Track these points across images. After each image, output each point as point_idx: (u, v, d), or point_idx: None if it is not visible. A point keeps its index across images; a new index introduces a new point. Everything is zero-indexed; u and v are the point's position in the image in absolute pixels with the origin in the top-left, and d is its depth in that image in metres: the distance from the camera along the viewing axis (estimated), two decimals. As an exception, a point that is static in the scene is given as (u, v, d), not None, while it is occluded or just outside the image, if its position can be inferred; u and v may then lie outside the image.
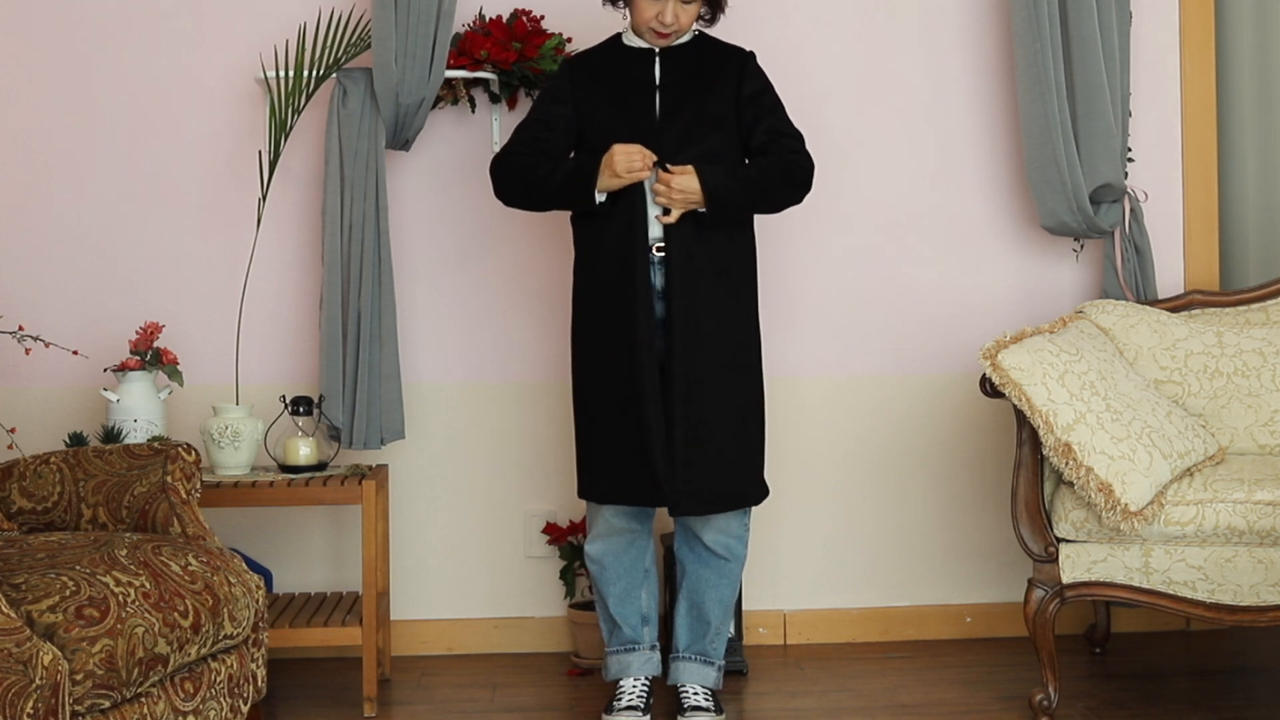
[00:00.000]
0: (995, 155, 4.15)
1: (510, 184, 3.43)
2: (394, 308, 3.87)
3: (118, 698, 2.57)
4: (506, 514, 4.09)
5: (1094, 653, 4.00)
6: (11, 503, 3.15)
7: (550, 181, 3.37)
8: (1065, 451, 3.27)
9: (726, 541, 3.45)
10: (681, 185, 3.28)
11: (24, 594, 2.53)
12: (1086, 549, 3.38)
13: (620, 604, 3.49)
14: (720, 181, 3.29)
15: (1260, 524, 3.27)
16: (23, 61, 3.98)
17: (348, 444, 3.83)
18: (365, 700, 3.58)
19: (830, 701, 3.63)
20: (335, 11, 3.94)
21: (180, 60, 4.00)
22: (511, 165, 3.42)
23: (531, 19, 3.95)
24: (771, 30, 4.01)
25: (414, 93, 3.80)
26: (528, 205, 3.48)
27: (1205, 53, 4.17)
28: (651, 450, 3.28)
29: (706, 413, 3.33)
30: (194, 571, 2.88)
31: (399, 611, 4.05)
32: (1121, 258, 4.01)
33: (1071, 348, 3.42)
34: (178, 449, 3.18)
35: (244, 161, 4.00)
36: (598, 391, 3.38)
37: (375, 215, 3.83)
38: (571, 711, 3.61)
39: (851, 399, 4.14)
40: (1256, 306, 3.85)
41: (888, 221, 4.14)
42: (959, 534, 4.17)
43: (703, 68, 3.42)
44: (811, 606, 4.15)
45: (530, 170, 3.39)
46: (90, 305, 3.99)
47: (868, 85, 4.13)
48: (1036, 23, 3.91)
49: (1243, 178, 4.25)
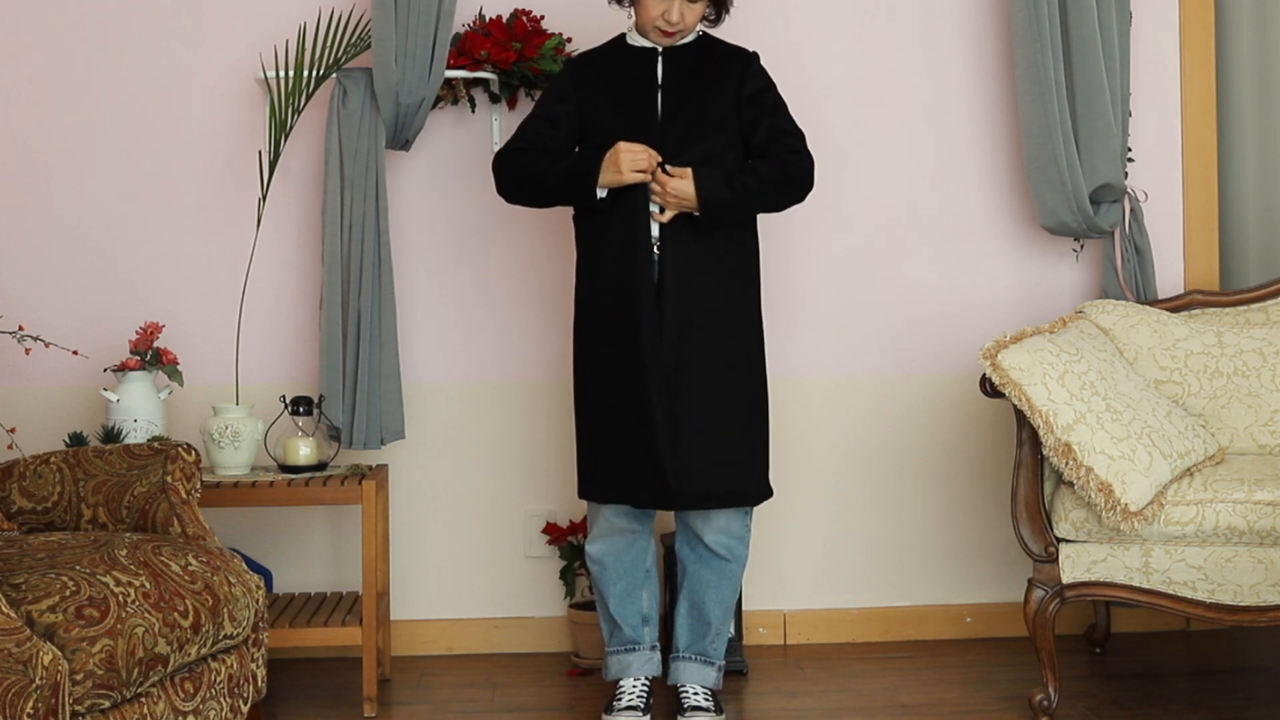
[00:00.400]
0: (995, 155, 4.15)
1: (511, 179, 3.43)
2: (394, 307, 3.87)
3: (118, 698, 2.57)
4: (506, 514, 4.09)
5: (1094, 653, 4.00)
6: (11, 503, 3.15)
7: (551, 175, 3.37)
8: (1065, 451, 3.27)
9: (728, 542, 3.45)
10: (676, 189, 3.28)
11: (24, 594, 2.53)
12: (1086, 549, 3.38)
13: (621, 604, 3.49)
14: (715, 188, 3.28)
15: (1260, 524, 3.27)
16: (23, 61, 3.98)
17: (348, 444, 3.83)
18: (365, 700, 3.58)
19: (830, 701, 3.63)
20: (335, 11, 3.94)
21: (180, 60, 4.00)
22: (513, 161, 3.42)
23: (531, 19, 3.95)
24: (772, 30, 4.01)
25: (414, 93, 3.80)
26: (528, 201, 3.48)
27: (1205, 53, 4.17)
28: (657, 451, 3.28)
29: (696, 410, 3.32)
30: (194, 571, 2.88)
31: (399, 611, 4.05)
32: (1121, 258, 4.01)
33: (1071, 348, 3.42)
34: (178, 449, 3.18)
35: (244, 161, 4.00)
36: (600, 390, 3.38)
37: (375, 215, 3.83)
38: (571, 711, 3.61)
39: (851, 399, 4.14)
40: (1256, 306, 3.85)
41: (888, 221, 4.14)
42: (959, 534, 4.17)
43: (705, 68, 3.42)
44: (811, 606, 4.15)
45: (531, 165, 3.39)
46: (90, 305, 3.99)
47: (868, 85, 4.13)
48: (1036, 23, 3.91)
49: (1243, 178, 4.25)
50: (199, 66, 4.00)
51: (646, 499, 3.35)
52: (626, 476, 3.33)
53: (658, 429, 3.28)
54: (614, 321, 3.34)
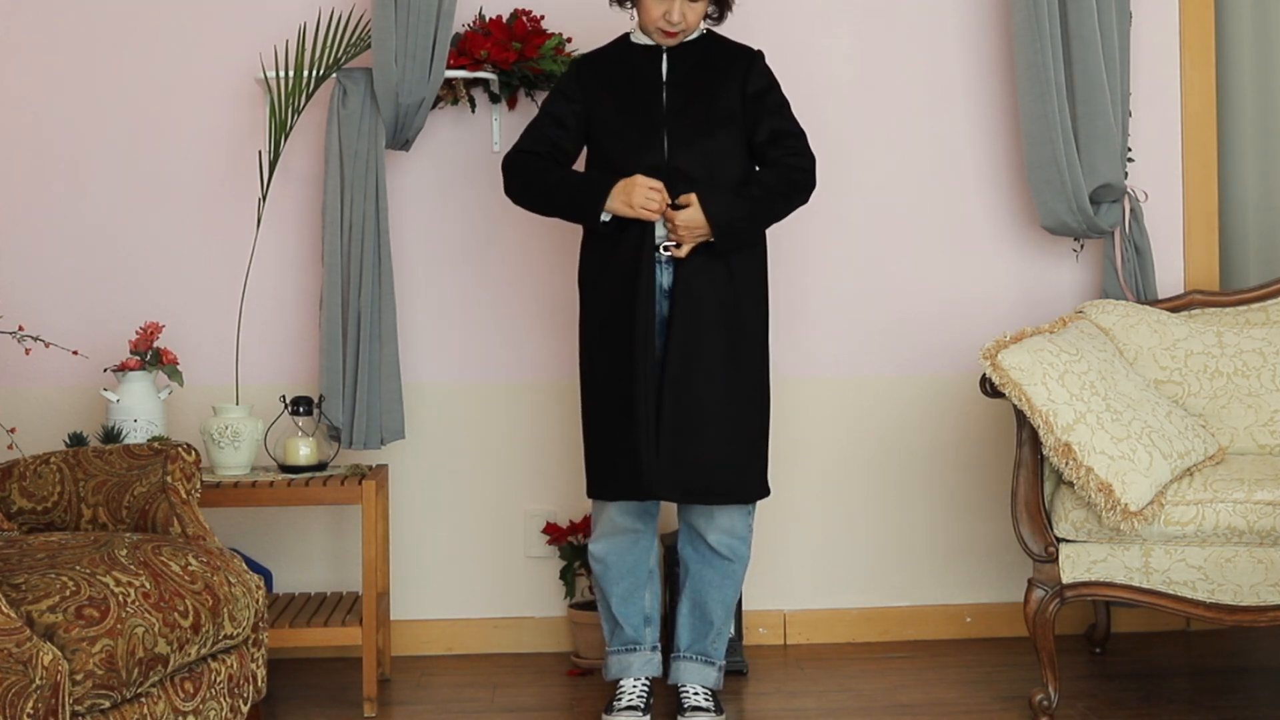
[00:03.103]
0: (995, 155, 4.15)
1: (521, 183, 3.43)
2: (394, 308, 3.87)
3: (118, 698, 2.57)
4: (506, 514, 4.09)
5: (1094, 653, 4.00)
6: (11, 503, 3.15)
7: (560, 191, 3.37)
8: (1065, 451, 3.27)
9: (730, 542, 3.45)
10: (686, 220, 3.27)
11: (24, 594, 2.53)
12: (1086, 549, 3.38)
13: (623, 604, 3.49)
14: (724, 209, 3.29)
15: (1260, 524, 3.27)
16: (23, 62, 3.98)
17: (348, 444, 3.83)
18: (365, 700, 3.58)
19: (830, 701, 3.63)
20: (335, 11, 3.94)
21: (180, 60, 4.00)
22: (524, 164, 3.42)
23: (531, 19, 3.95)
24: (772, 30, 4.01)
25: (414, 93, 3.80)
26: (532, 207, 3.48)
27: (1205, 53, 4.17)
28: (637, 444, 3.28)
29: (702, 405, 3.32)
30: (194, 571, 2.88)
31: (399, 611, 4.05)
32: (1121, 258, 4.01)
33: (1071, 348, 3.42)
34: (178, 449, 3.18)
35: (244, 161, 4.00)
36: (601, 389, 3.38)
37: (375, 215, 3.83)
38: (571, 711, 3.61)
39: (851, 399, 4.14)
40: (1256, 306, 3.85)
41: (888, 221, 4.14)
42: (959, 534, 4.17)
43: (710, 65, 3.42)
44: (811, 606, 4.15)
45: (543, 174, 3.39)
46: (90, 305, 3.99)
47: (868, 85, 4.13)
48: (1036, 23, 3.91)
49: (1243, 178, 4.25)
50: (199, 66, 4.00)
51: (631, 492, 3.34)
52: (629, 470, 3.33)
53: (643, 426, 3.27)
54: (615, 321, 3.34)
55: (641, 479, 3.29)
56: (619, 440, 3.32)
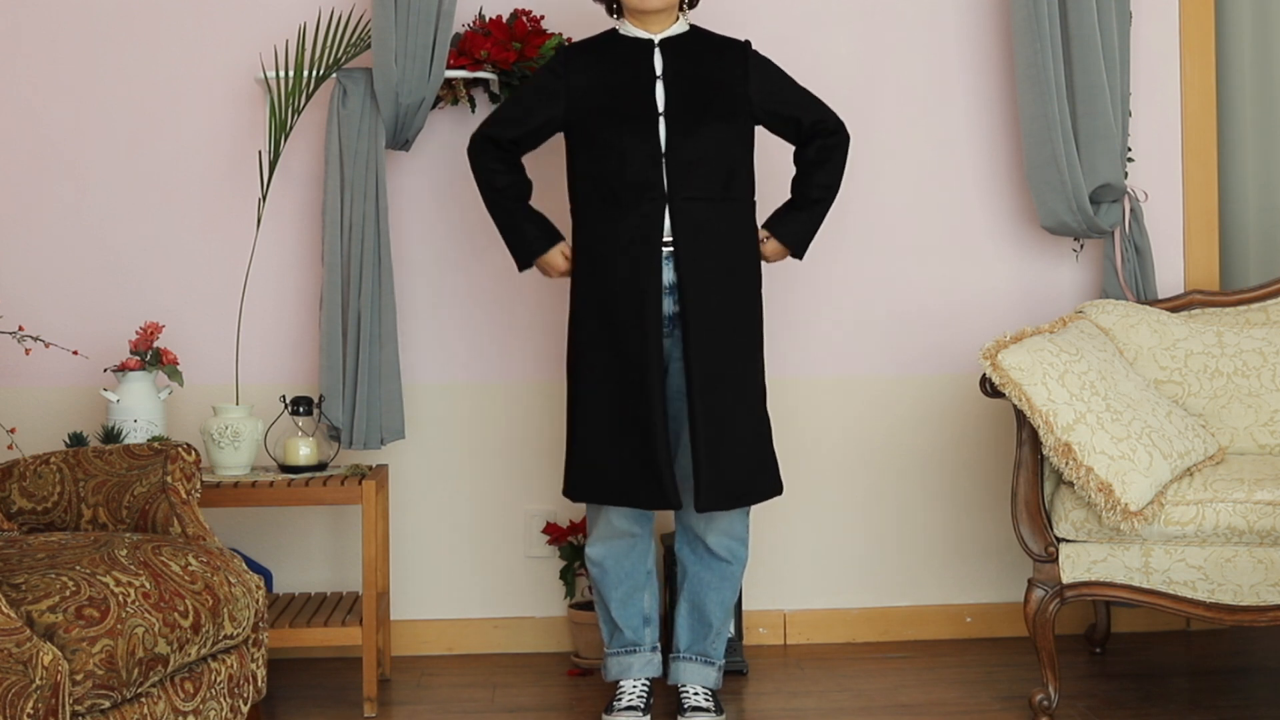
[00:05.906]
0: (995, 155, 4.15)
1: (477, 172, 3.51)
2: (394, 308, 3.87)
3: (118, 698, 2.57)
4: (506, 514, 4.09)
5: (1094, 653, 4.00)
6: (11, 503, 3.15)
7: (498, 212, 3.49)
8: (1065, 451, 3.27)
9: (729, 544, 3.45)
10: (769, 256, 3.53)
11: (24, 594, 2.53)
12: (1086, 549, 3.38)
13: (622, 608, 3.48)
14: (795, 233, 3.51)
15: (1260, 524, 3.27)
16: (23, 62, 3.98)
17: (348, 444, 3.83)
18: (365, 700, 3.58)
19: (830, 701, 3.63)
20: (335, 11, 3.94)
21: (180, 60, 4.00)
22: (484, 152, 3.49)
23: (531, 19, 3.95)
24: (772, 30, 4.01)
25: (414, 93, 3.81)
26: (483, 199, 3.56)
27: (1205, 53, 4.17)
28: (655, 454, 3.28)
29: (725, 407, 3.33)
30: (194, 571, 2.88)
31: (399, 611, 4.05)
32: (1121, 258, 4.01)
33: (1071, 348, 3.42)
34: (178, 449, 3.18)
35: (244, 161, 4.00)
36: (601, 389, 3.37)
37: (375, 215, 3.83)
38: (571, 711, 3.61)
39: (851, 399, 4.14)
40: (1256, 306, 3.85)
41: (887, 221, 4.14)
42: (959, 534, 4.17)
43: (705, 59, 3.43)
44: (811, 606, 4.15)
45: (493, 177, 3.47)
46: (90, 305, 3.99)
47: (867, 85, 4.13)
48: (1036, 23, 3.91)
49: (1243, 178, 4.25)
50: (199, 66, 4.00)
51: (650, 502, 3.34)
52: (632, 479, 3.33)
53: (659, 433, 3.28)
54: (619, 320, 3.34)
55: (663, 488, 3.29)
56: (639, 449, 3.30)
